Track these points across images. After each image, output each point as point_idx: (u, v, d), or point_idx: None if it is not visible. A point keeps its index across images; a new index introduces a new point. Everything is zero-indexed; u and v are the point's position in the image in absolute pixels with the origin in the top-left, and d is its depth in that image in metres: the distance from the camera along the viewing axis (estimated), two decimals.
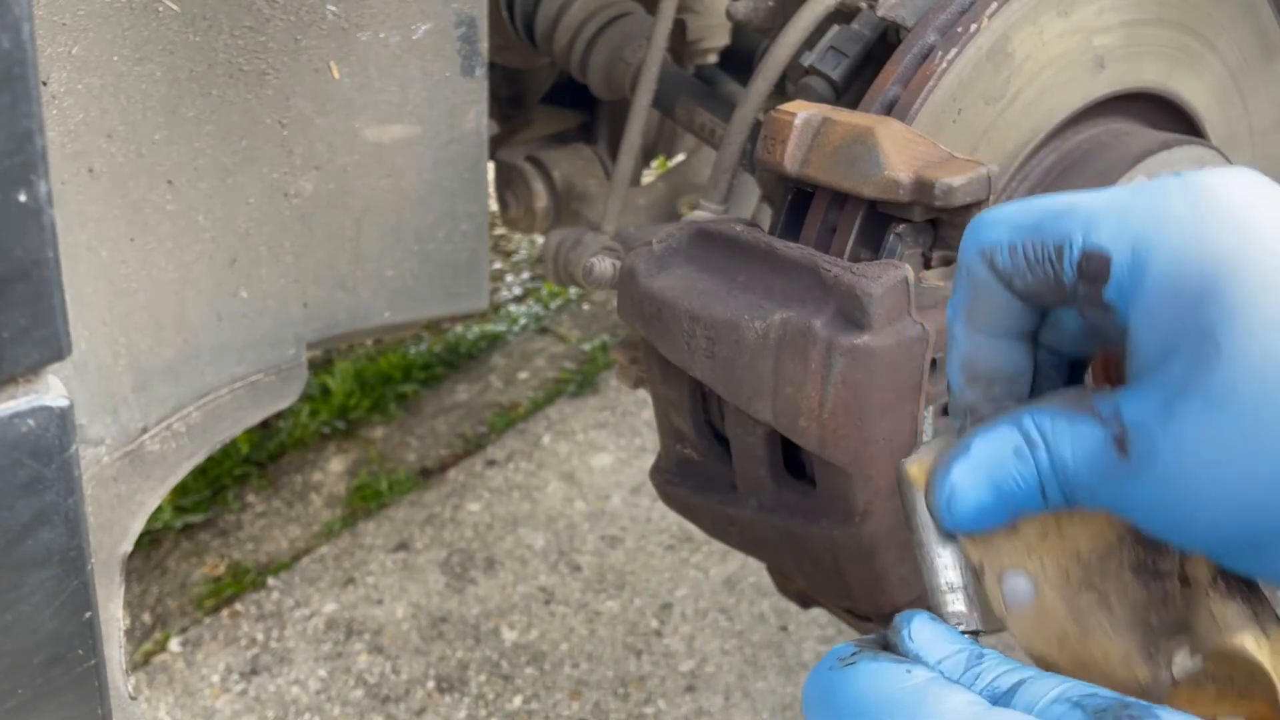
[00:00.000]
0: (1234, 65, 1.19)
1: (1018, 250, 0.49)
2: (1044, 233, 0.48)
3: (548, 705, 2.08)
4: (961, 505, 0.49)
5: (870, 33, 1.08)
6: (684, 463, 1.08)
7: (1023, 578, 0.49)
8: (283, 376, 1.18)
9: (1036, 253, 0.48)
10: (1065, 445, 0.47)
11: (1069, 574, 0.49)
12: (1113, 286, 0.46)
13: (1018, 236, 0.49)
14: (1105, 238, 0.46)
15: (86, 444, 0.94)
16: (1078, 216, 0.47)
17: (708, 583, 2.34)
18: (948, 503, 0.49)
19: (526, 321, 3.39)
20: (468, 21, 1.14)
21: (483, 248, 1.28)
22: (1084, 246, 0.47)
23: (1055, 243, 0.47)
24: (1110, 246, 0.46)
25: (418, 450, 2.80)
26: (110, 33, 0.94)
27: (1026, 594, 0.49)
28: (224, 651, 2.21)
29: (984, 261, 0.50)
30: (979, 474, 0.49)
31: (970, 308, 0.52)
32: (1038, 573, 0.49)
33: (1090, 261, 0.46)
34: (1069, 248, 0.47)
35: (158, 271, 1.04)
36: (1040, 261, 0.48)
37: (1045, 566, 0.49)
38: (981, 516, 0.49)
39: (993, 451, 0.49)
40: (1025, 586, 0.49)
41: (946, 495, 0.49)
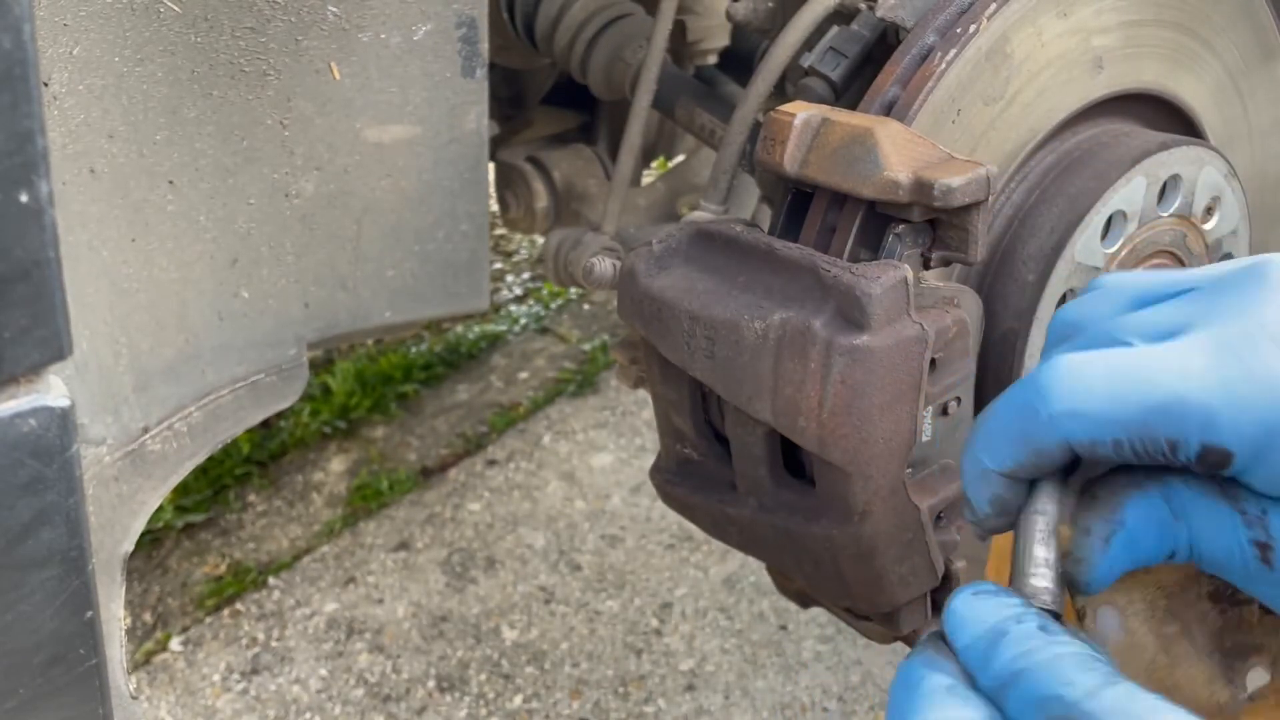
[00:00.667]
0: (1233, 66, 1.19)
1: (1123, 445, 0.47)
2: (1154, 432, 0.46)
3: (548, 704, 2.08)
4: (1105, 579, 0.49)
5: (869, 33, 1.08)
6: (684, 462, 1.08)
7: (1113, 613, 0.51)
8: (284, 376, 1.18)
9: (1147, 448, 0.47)
10: (1207, 532, 0.47)
11: (1155, 606, 0.50)
12: (1235, 464, 0.46)
13: (1123, 434, 0.47)
14: (1226, 437, 0.45)
15: (87, 444, 0.94)
16: (1191, 416, 0.45)
17: (707, 582, 2.35)
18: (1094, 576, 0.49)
19: (527, 321, 3.39)
20: (468, 22, 1.14)
21: (483, 248, 1.28)
22: (1202, 443, 0.46)
23: (1169, 440, 0.46)
24: (1231, 444, 0.45)
25: (418, 450, 2.80)
26: (111, 33, 0.94)
27: (1117, 630, 0.50)
28: (225, 651, 2.21)
29: (1069, 445, 0.48)
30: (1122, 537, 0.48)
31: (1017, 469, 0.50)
32: (1125, 605, 0.51)
33: (1210, 454, 0.46)
34: (1184, 445, 0.46)
35: (159, 272, 1.04)
36: (1150, 455, 0.47)
37: (1133, 600, 0.50)
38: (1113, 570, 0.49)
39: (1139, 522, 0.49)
40: (1115, 622, 0.50)
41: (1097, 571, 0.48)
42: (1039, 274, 1.04)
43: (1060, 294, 1.04)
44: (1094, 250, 1.05)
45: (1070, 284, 1.04)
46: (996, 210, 1.07)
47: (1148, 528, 0.49)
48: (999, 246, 1.07)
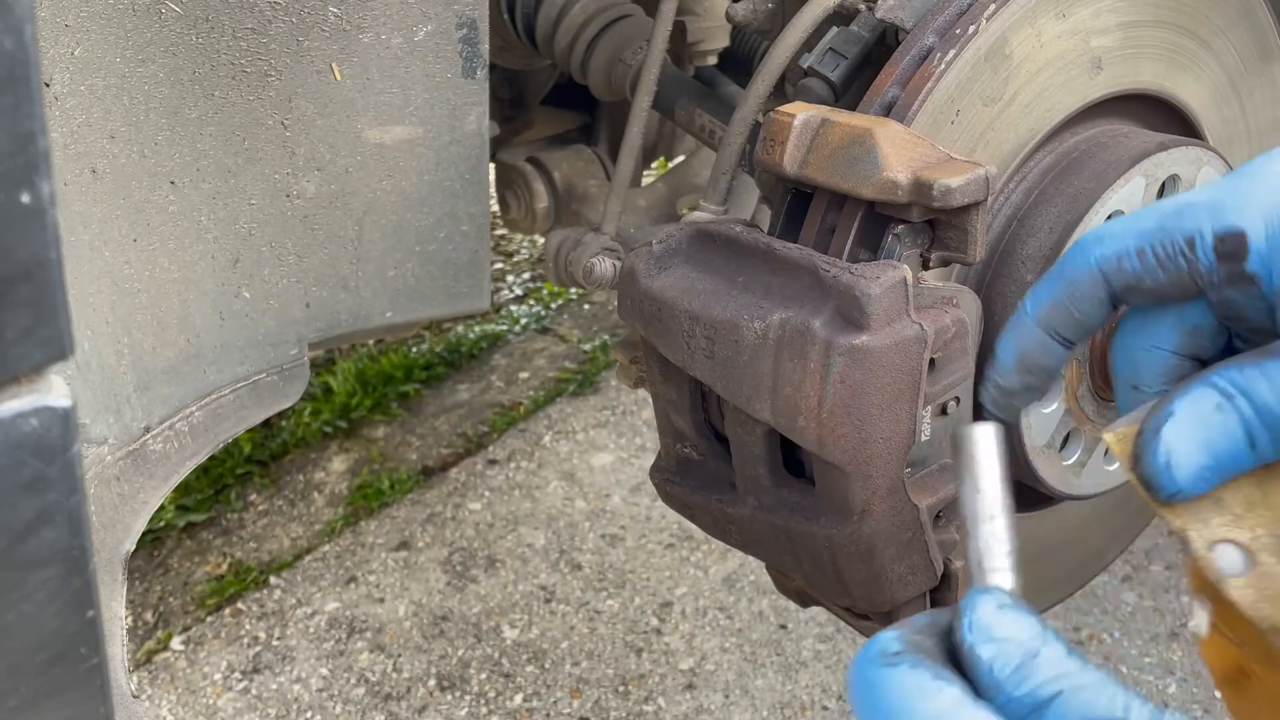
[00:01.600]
0: (1231, 67, 1.19)
1: (1146, 253, 0.51)
2: (1169, 231, 0.50)
3: (548, 703, 2.09)
4: (1180, 467, 0.49)
5: (869, 34, 1.08)
6: (684, 462, 1.08)
7: (1234, 549, 0.50)
8: (285, 376, 1.18)
9: (1167, 250, 0.50)
10: (1262, 387, 0.48)
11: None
12: (1254, 258, 0.49)
13: (1144, 241, 0.51)
14: (1235, 218, 0.49)
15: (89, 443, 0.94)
16: (1199, 208, 0.50)
17: (707, 581, 2.35)
18: (1166, 465, 0.49)
19: (527, 321, 3.39)
20: (469, 23, 1.15)
21: (484, 248, 1.28)
22: (1216, 231, 0.49)
23: (1185, 236, 0.50)
24: (1243, 224, 0.49)
25: (419, 449, 2.80)
26: (113, 34, 0.95)
27: (1241, 564, 0.50)
28: (226, 650, 2.22)
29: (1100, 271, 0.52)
30: (1190, 433, 0.49)
31: (1054, 309, 0.54)
32: (1251, 542, 0.50)
33: (1226, 242, 0.49)
34: (1199, 237, 0.50)
35: (160, 272, 1.04)
36: (1172, 257, 0.50)
37: (1258, 534, 0.50)
38: (1199, 478, 0.49)
39: (1196, 410, 0.49)
40: (1238, 557, 0.50)
41: (1163, 458, 0.49)
42: (1038, 274, 1.04)
43: None
44: None
45: None
46: (995, 210, 1.07)
47: (1199, 411, 0.49)
48: (998, 247, 1.07)
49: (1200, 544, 0.50)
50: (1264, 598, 0.49)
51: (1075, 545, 1.30)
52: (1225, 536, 0.50)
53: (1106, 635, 2.19)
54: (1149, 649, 2.16)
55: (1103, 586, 2.30)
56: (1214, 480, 0.49)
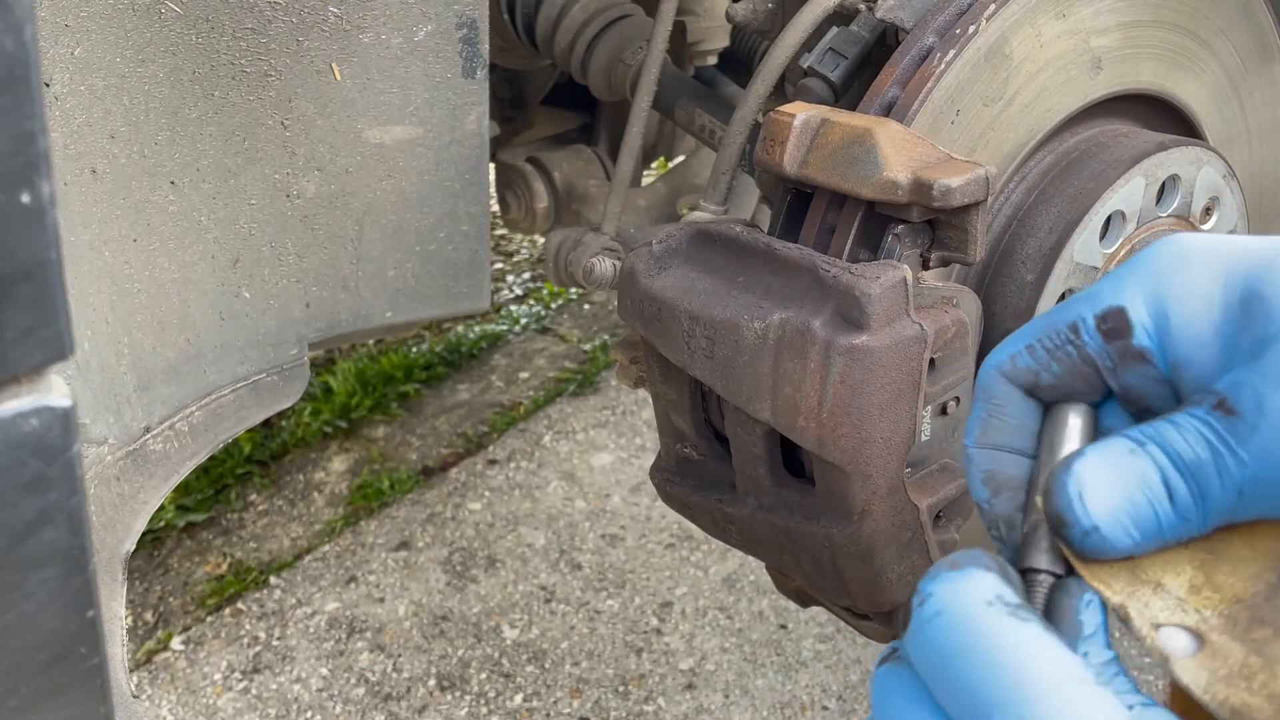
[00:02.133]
0: (1231, 67, 1.19)
1: (1035, 347, 0.51)
2: (1054, 322, 0.51)
3: (548, 703, 2.09)
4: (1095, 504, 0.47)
5: (869, 34, 1.08)
6: (684, 462, 1.08)
7: (1182, 633, 0.48)
8: (285, 376, 1.18)
9: (1054, 339, 0.51)
10: (1173, 435, 0.47)
11: (1235, 618, 0.48)
12: (1139, 332, 0.49)
13: (1031, 336, 0.52)
14: (1112, 298, 0.49)
15: (89, 443, 0.94)
16: (1080, 299, 0.51)
17: (707, 581, 2.35)
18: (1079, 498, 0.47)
19: (527, 321, 3.39)
20: (469, 23, 1.15)
21: (484, 248, 1.28)
22: (1095, 312, 0.50)
23: (1068, 323, 0.50)
24: (1121, 301, 0.49)
25: (419, 449, 2.80)
26: (113, 34, 0.95)
27: (1189, 646, 0.47)
28: (226, 650, 2.22)
29: (1001, 375, 0.52)
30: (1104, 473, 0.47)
31: (986, 427, 0.53)
32: (1198, 624, 0.47)
33: (1107, 320, 0.49)
34: (1081, 321, 0.50)
35: (160, 272, 1.04)
36: (1060, 345, 0.51)
37: (1205, 617, 0.48)
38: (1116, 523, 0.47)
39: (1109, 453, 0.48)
40: (1186, 639, 0.48)
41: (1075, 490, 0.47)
42: (1038, 274, 1.04)
43: (1059, 294, 1.04)
44: (1093, 250, 1.05)
45: (1069, 284, 1.05)
46: (995, 210, 1.07)
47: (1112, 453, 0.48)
48: (998, 246, 1.07)
49: (1143, 624, 0.48)
50: (1218, 678, 0.46)
51: None
52: (1170, 621, 0.48)
53: None
54: None
55: None
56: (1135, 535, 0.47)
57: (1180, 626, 0.48)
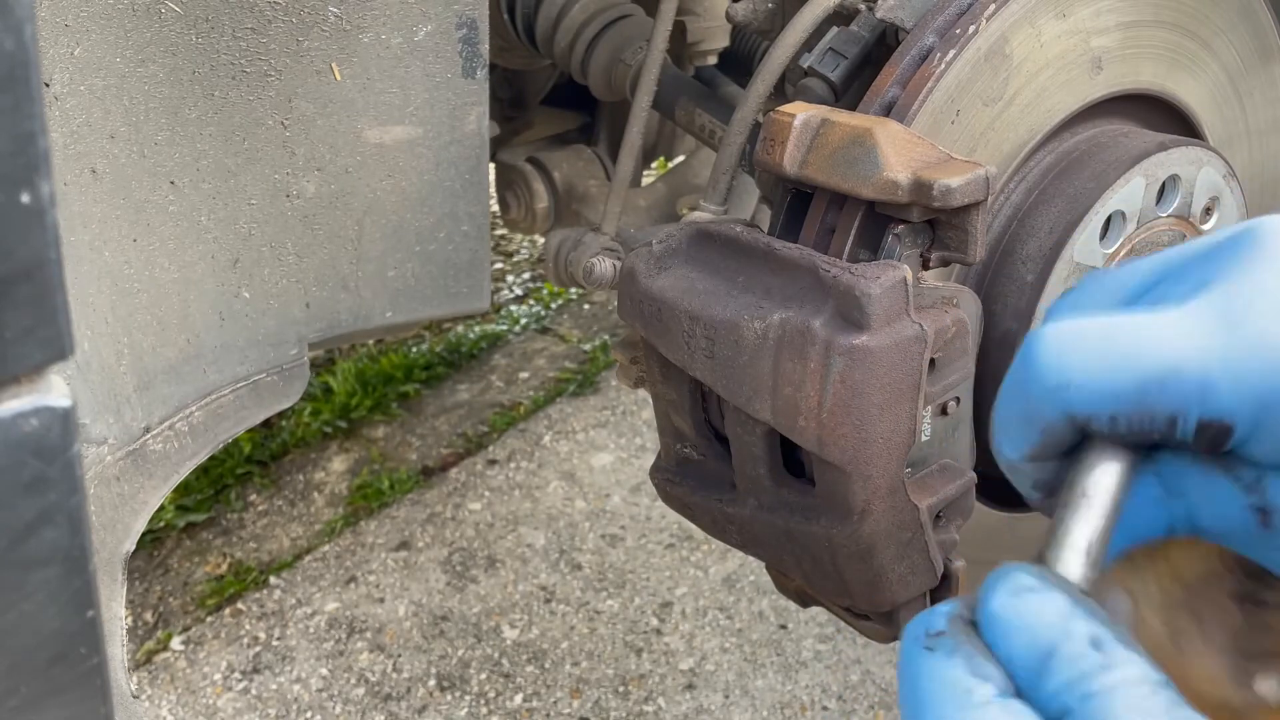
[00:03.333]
0: (1231, 67, 1.19)
1: (1119, 421, 0.45)
2: (1150, 405, 0.44)
3: (548, 703, 2.09)
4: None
5: (869, 34, 1.08)
6: (684, 462, 1.08)
7: (1124, 598, 0.49)
8: (285, 376, 1.18)
9: (1143, 424, 0.45)
10: (1204, 503, 0.46)
11: (1169, 595, 0.49)
12: (1235, 444, 0.44)
13: (1119, 407, 0.45)
14: (1225, 407, 0.43)
15: (89, 443, 0.94)
16: (1186, 384, 0.43)
17: (707, 581, 2.35)
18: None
19: (527, 321, 3.39)
20: (469, 23, 1.15)
21: (484, 248, 1.28)
22: (1201, 417, 0.44)
23: (1167, 417, 0.44)
24: (1230, 416, 0.43)
25: (419, 449, 2.80)
26: (113, 34, 0.95)
27: (1125, 614, 0.49)
28: (226, 650, 2.22)
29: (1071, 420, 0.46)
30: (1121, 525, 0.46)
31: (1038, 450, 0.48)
32: (1138, 590, 0.49)
33: (1210, 429, 0.44)
34: (1182, 420, 0.44)
35: (160, 272, 1.04)
36: (1146, 431, 0.45)
37: (1147, 587, 0.49)
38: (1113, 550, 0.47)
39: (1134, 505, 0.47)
40: (1124, 607, 0.49)
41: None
42: (1038, 274, 1.04)
43: (1059, 294, 1.04)
44: (1093, 250, 1.05)
45: (1069, 284, 1.05)
46: (995, 210, 1.07)
47: (1141, 503, 0.47)
48: (998, 247, 1.07)
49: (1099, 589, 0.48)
50: None
51: None
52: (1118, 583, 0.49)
53: None
54: None
55: None
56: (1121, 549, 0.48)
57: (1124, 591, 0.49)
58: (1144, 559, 0.50)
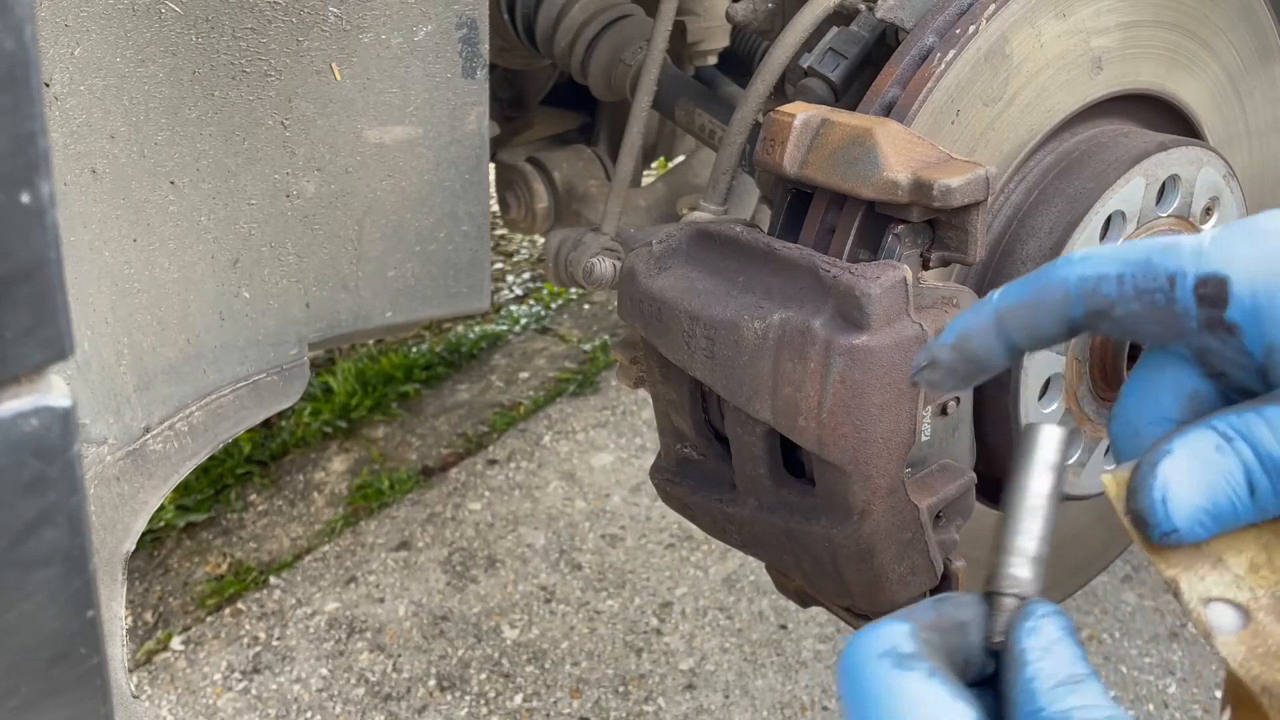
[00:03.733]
0: (1231, 67, 1.19)
1: (1125, 280, 0.50)
2: (1154, 264, 0.50)
3: (548, 703, 2.09)
4: (1177, 504, 0.48)
5: (869, 34, 1.08)
6: (684, 462, 1.08)
7: (1231, 609, 0.49)
8: (285, 376, 1.18)
9: (1147, 281, 0.50)
10: (1263, 431, 0.48)
11: None
12: (1235, 307, 0.48)
13: (1126, 268, 0.51)
14: (1220, 265, 0.48)
15: (89, 443, 0.94)
16: (1185, 250, 0.50)
17: (707, 581, 2.35)
18: (1162, 501, 0.48)
19: (527, 321, 3.39)
20: (469, 23, 1.15)
21: (484, 248, 1.28)
22: (1198, 273, 0.49)
23: (1168, 272, 0.50)
24: (1228, 271, 0.48)
25: (419, 449, 2.80)
26: (113, 34, 0.95)
27: (1236, 621, 0.49)
28: (226, 650, 2.22)
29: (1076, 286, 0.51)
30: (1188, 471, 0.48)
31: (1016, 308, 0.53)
32: (1249, 602, 0.49)
33: (1208, 285, 0.49)
34: (1181, 276, 0.49)
35: (160, 272, 1.04)
36: (1150, 290, 0.50)
37: (1258, 596, 0.49)
38: (1195, 521, 0.48)
39: (1195, 450, 0.48)
40: (1233, 616, 0.49)
41: (1159, 493, 0.48)
42: None
43: None
44: None
45: None
46: (995, 210, 1.07)
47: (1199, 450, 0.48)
48: (998, 247, 1.07)
49: (1193, 598, 0.49)
50: (1254, 655, 0.48)
51: (1075, 545, 1.30)
52: (1222, 595, 0.49)
53: (1106, 635, 2.19)
54: (1149, 649, 2.16)
55: (1103, 586, 2.30)
56: (1211, 527, 0.48)
57: (1231, 603, 0.49)
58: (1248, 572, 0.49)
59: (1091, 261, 0.52)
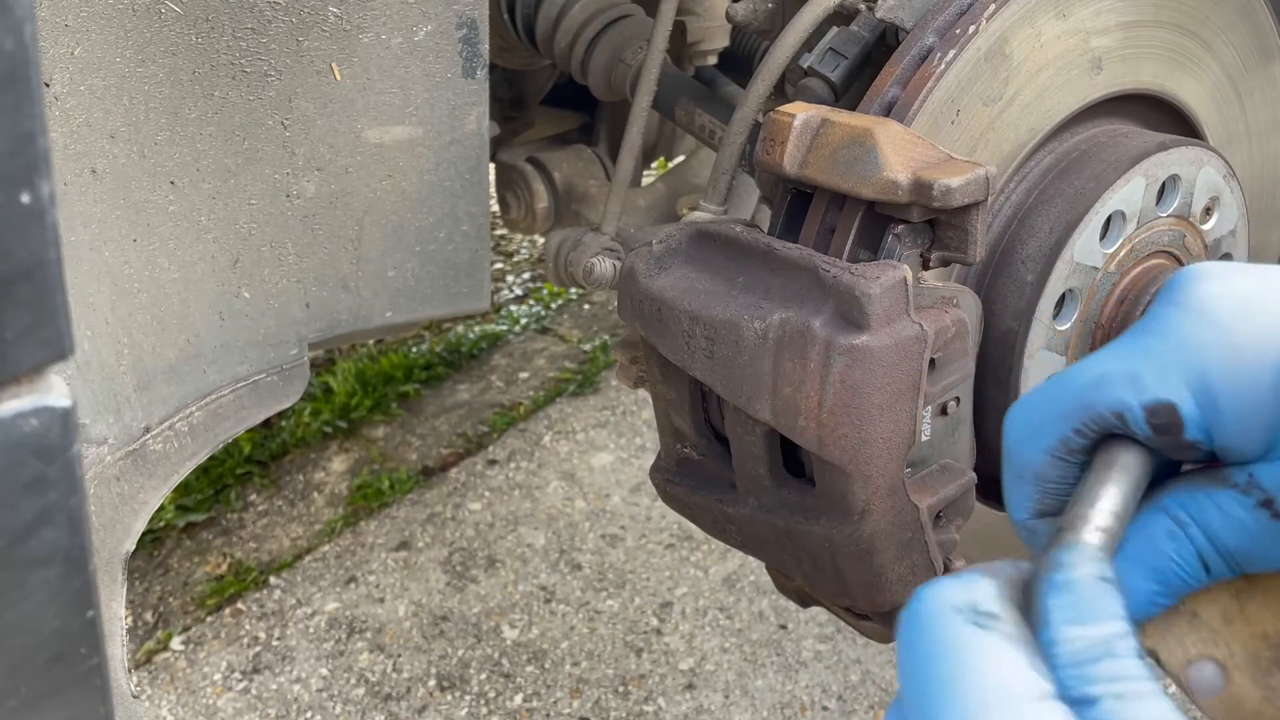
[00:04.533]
0: (1231, 67, 1.19)
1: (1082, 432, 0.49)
2: (1093, 406, 0.48)
3: (548, 703, 2.09)
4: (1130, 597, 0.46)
5: (869, 34, 1.08)
6: (684, 462, 1.08)
7: (1211, 666, 0.49)
8: (285, 376, 1.18)
9: (1098, 424, 0.48)
10: (1214, 519, 0.48)
11: (1259, 657, 0.49)
12: (1190, 428, 0.47)
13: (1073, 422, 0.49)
14: (1158, 390, 0.47)
15: (89, 443, 0.94)
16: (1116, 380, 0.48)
17: (707, 581, 2.35)
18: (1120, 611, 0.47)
19: (527, 322, 3.39)
20: (469, 23, 1.15)
21: (484, 248, 1.28)
22: (1143, 404, 0.47)
23: (1112, 410, 0.48)
24: (1169, 395, 0.47)
25: (419, 449, 2.80)
26: (113, 34, 0.95)
27: (1216, 683, 0.49)
28: (226, 650, 2.22)
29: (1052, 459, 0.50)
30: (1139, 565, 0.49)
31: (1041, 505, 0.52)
32: (1226, 659, 0.49)
33: (1157, 415, 0.47)
34: (1128, 410, 0.48)
35: (160, 272, 1.04)
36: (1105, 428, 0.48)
37: (1233, 652, 0.49)
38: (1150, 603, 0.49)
39: (1147, 541, 0.49)
40: (1214, 675, 0.49)
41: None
42: (1038, 274, 1.04)
43: (1059, 294, 1.04)
44: (1093, 250, 1.05)
45: (1069, 284, 1.05)
46: (995, 210, 1.07)
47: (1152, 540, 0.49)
48: (998, 246, 1.07)
49: (1173, 663, 0.49)
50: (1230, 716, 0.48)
51: None
52: (1201, 653, 0.49)
53: None
54: None
55: None
56: (1170, 601, 0.49)
57: (1211, 659, 0.49)
58: (1222, 624, 0.49)
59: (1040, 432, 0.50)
